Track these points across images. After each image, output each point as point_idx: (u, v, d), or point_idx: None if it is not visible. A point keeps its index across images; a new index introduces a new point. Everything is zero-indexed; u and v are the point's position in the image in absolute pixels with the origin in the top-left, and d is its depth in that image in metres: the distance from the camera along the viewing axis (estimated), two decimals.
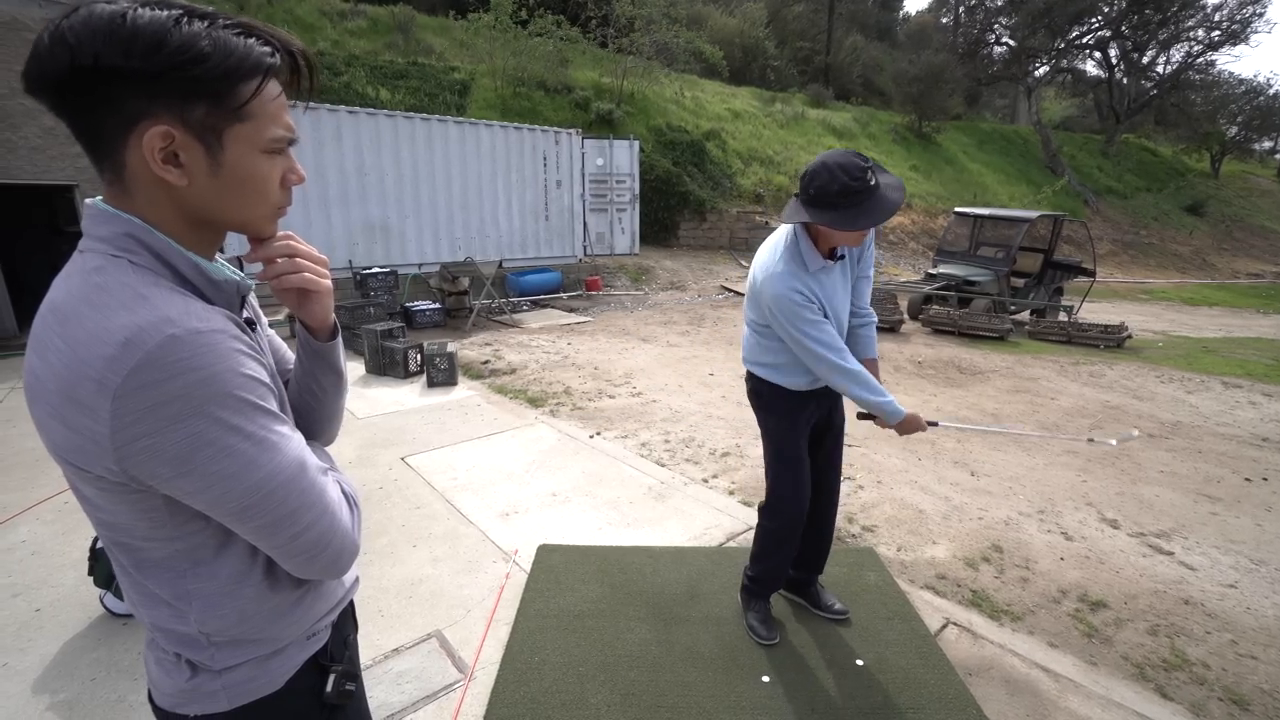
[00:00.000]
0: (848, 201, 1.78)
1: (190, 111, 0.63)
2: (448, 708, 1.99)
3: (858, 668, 2.16)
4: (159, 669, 0.78)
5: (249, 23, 0.66)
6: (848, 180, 1.76)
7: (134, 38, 0.59)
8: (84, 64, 0.58)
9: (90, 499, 0.68)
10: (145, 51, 0.59)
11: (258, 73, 0.65)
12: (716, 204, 14.65)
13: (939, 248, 10.64)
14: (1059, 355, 7.62)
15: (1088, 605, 2.65)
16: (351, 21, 14.99)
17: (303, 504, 0.70)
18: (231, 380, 0.64)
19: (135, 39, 0.59)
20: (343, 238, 8.30)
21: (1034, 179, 23.66)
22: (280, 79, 0.70)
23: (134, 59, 0.59)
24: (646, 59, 15.71)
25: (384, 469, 3.79)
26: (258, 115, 0.67)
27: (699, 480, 3.74)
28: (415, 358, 5.74)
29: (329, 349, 0.87)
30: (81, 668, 2.16)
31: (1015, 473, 4.01)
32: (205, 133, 0.65)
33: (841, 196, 1.78)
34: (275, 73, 0.68)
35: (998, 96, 34.84)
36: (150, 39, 0.59)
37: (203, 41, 0.62)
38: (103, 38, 0.58)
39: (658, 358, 6.73)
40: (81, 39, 0.58)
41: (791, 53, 28.58)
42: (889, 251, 17.05)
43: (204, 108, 0.64)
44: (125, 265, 0.65)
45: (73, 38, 0.58)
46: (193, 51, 0.61)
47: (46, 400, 0.62)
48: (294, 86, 0.72)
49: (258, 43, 0.66)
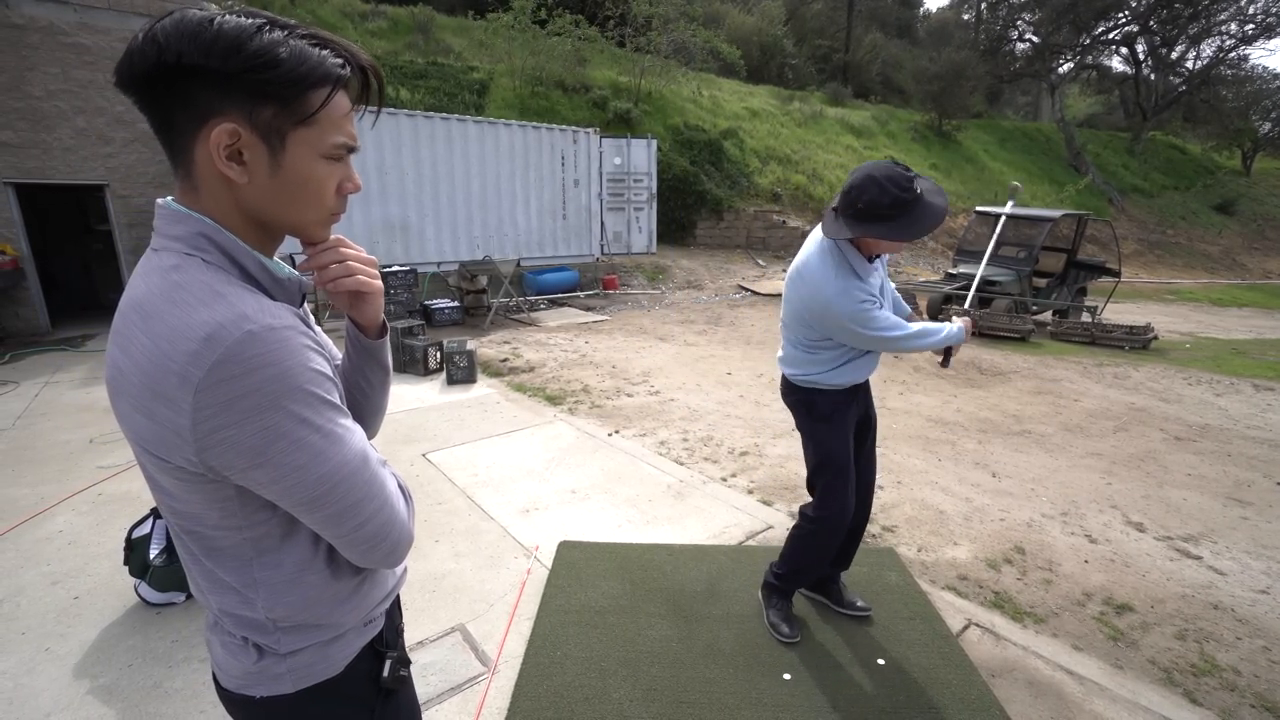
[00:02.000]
0: (900, 213, 1.80)
1: (259, 113, 0.66)
2: (472, 700, 2.02)
3: (879, 667, 2.16)
4: (225, 652, 0.81)
5: (325, 35, 0.70)
6: (898, 193, 1.79)
7: (216, 40, 0.63)
8: (169, 61, 0.63)
9: (166, 489, 0.71)
10: (224, 53, 0.63)
11: (328, 82, 0.69)
12: (734, 203, 14.59)
13: (959, 247, 10.50)
14: (1082, 356, 7.50)
15: (1113, 608, 2.62)
16: (372, 22, 15.17)
17: (366, 495, 0.73)
18: (303, 375, 0.67)
19: (217, 41, 0.63)
20: (363, 236, 8.41)
21: (1057, 177, 23.25)
22: (350, 93, 0.73)
23: (214, 59, 0.63)
24: (664, 58, 15.69)
25: (405, 465, 3.84)
26: (322, 122, 0.70)
27: (718, 479, 3.75)
28: (435, 355, 5.81)
29: (378, 346, 0.90)
30: (119, 654, 2.23)
31: (1037, 474, 3.96)
32: (270, 134, 0.68)
33: (894, 209, 1.80)
34: (345, 84, 0.71)
35: (1020, 94, 34.30)
36: (231, 42, 0.63)
37: (280, 49, 0.65)
38: (189, 39, 0.63)
39: (675, 356, 6.73)
40: (170, 39, 0.62)
41: (810, 51, 28.36)
42: (908, 251, 16.86)
43: (272, 110, 0.67)
44: (199, 263, 0.68)
45: (163, 38, 0.63)
46: (268, 56, 0.65)
47: (130, 393, 0.65)
48: (363, 100, 0.75)
49: (331, 54, 0.69)
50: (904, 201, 1.79)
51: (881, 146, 20.51)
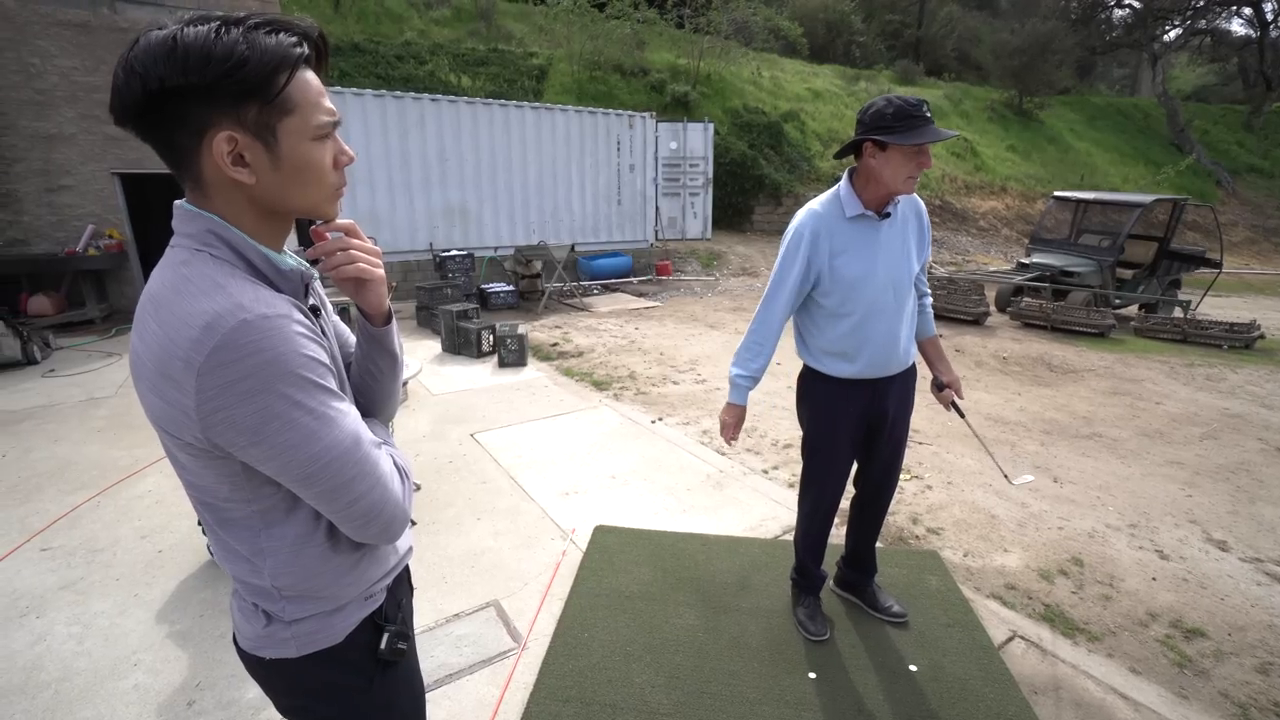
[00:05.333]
0: (904, 125, 1.73)
1: (245, 113, 0.70)
2: (501, 673, 2.10)
3: (910, 673, 2.10)
4: (241, 615, 0.89)
5: (276, 18, 0.72)
6: (902, 103, 1.75)
7: (186, 55, 0.65)
8: (153, 89, 0.66)
9: (182, 463, 0.78)
10: (197, 66, 0.66)
11: (288, 64, 0.71)
12: (793, 187, 14.20)
13: (1033, 235, 9.85)
14: (1170, 355, 6.92)
15: (1181, 632, 2.43)
16: (436, 10, 15.52)
17: (358, 474, 0.78)
18: (294, 360, 0.71)
19: (187, 56, 0.66)
20: (424, 221, 8.71)
21: (1154, 158, 21.36)
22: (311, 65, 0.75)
23: (190, 75, 0.66)
24: (724, 38, 15.35)
25: (454, 443, 4.00)
26: (301, 105, 0.73)
27: (759, 471, 3.71)
28: (488, 338, 5.98)
29: (384, 334, 0.94)
30: (193, 605, 2.45)
31: (1105, 481, 3.71)
32: (261, 131, 0.72)
33: (897, 119, 1.74)
34: (306, 61, 0.74)
35: (1116, 66, 31.53)
36: (198, 54, 0.66)
37: (240, 46, 0.67)
38: (161, 61, 0.65)
39: (725, 345, 6.66)
40: (146, 65, 0.66)
41: (879, 27, 27.02)
42: (977, 239, 15.97)
43: (255, 107, 0.70)
44: (206, 258, 0.73)
45: (139, 66, 0.66)
46: (235, 58, 0.67)
47: (145, 376, 0.72)
48: (321, 69, 0.78)
49: (286, 36, 0.71)
50: (907, 113, 1.73)
51: (955, 126, 19.39)
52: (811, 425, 2.15)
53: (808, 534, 2.28)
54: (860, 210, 1.89)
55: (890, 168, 1.79)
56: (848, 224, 1.91)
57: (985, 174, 18.11)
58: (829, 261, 1.92)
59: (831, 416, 2.08)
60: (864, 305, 1.93)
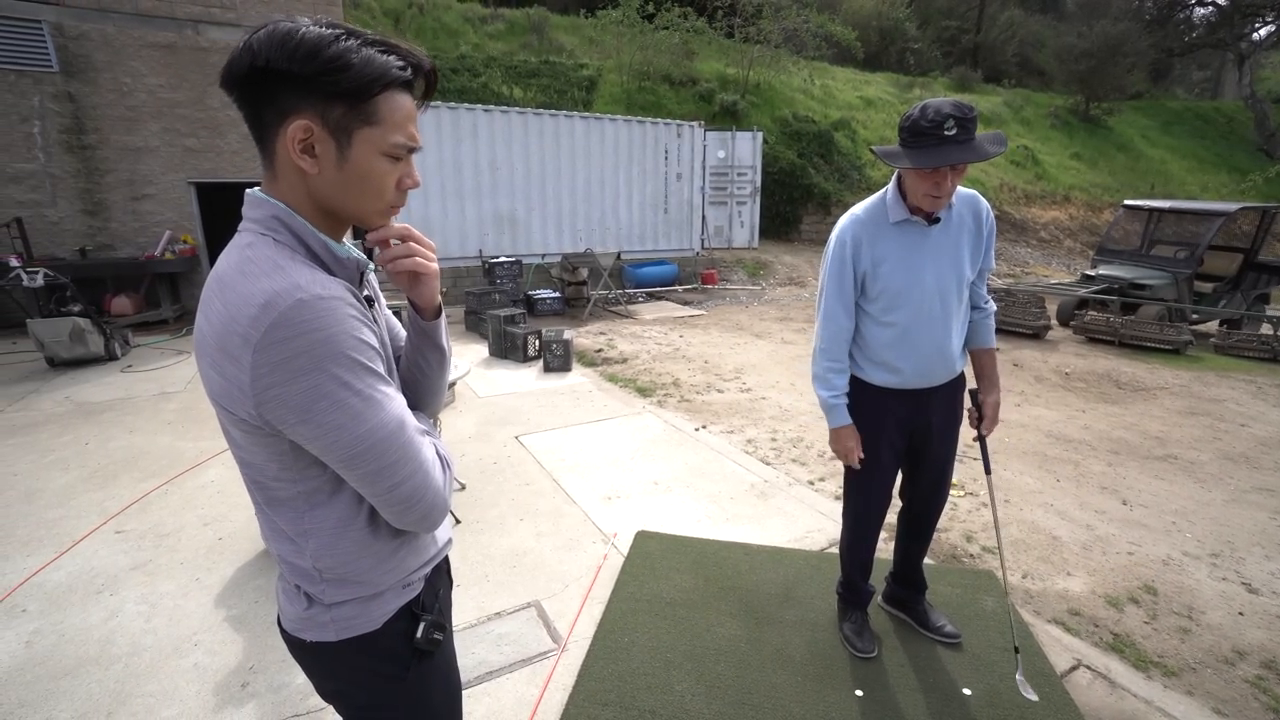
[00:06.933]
0: (914, 143, 1.63)
1: (330, 112, 0.75)
2: (541, 673, 2.10)
3: (964, 697, 1.99)
4: (285, 598, 0.92)
5: (395, 42, 0.78)
6: (920, 117, 1.62)
7: (299, 47, 0.72)
8: (259, 65, 0.72)
9: (236, 439, 0.81)
10: (304, 58, 0.72)
11: (387, 83, 0.76)
12: (843, 197, 13.94)
13: (1100, 246, 9.34)
14: (1257, 374, 6.42)
15: (1275, 674, 2.23)
16: (491, 25, 16.02)
17: (401, 458, 0.79)
18: (346, 341, 0.74)
19: (299, 48, 0.72)
20: (474, 228, 8.95)
21: (1239, 164, 20.01)
22: (414, 94, 0.81)
23: (295, 63, 0.72)
24: (774, 47, 15.26)
25: (499, 445, 4.06)
26: (385, 122, 0.78)
27: (804, 482, 3.62)
28: (534, 343, 6.07)
29: (433, 327, 0.96)
30: (248, 591, 2.55)
31: (1182, 506, 3.46)
32: (339, 131, 0.76)
33: (912, 135, 1.64)
34: (406, 86, 0.79)
35: (1195, 68, 29.76)
36: (310, 49, 0.72)
37: (352, 55, 0.73)
38: (277, 46, 0.72)
39: (770, 354, 6.57)
40: (262, 46, 0.72)
41: (935, 33, 26.34)
42: (1038, 250, 15.29)
43: (341, 109, 0.75)
44: (270, 241, 0.77)
45: (256, 46, 0.72)
46: (341, 61, 0.73)
47: (207, 353, 0.75)
48: (426, 97, 0.84)
49: (395, 59, 0.77)
50: (920, 130, 1.60)
51: (1014, 134, 18.69)
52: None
53: (852, 545, 2.20)
54: (905, 215, 1.80)
55: (909, 182, 1.74)
56: (892, 229, 1.83)
57: (1047, 183, 17.35)
58: (872, 269, 1.85)
59: (872, 425, 1.98)
60: (908, 314, 1.84)
